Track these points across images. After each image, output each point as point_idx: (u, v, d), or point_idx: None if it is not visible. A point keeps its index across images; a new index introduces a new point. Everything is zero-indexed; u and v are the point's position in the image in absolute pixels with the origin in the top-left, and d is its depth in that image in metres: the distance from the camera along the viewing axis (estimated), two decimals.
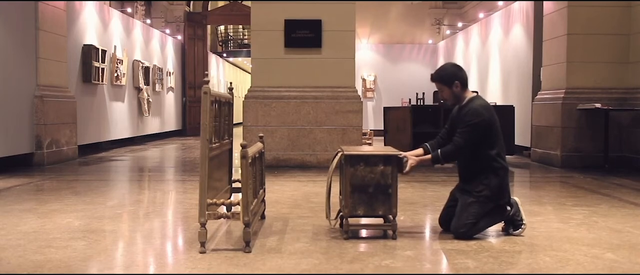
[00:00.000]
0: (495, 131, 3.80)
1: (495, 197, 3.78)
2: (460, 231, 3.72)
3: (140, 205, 5.23)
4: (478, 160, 3.79)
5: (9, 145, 7.60)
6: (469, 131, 3.74)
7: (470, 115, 3.75)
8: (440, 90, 3.93)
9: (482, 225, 3.77)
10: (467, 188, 3.84)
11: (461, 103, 3.89)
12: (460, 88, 3.85)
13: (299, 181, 6.71)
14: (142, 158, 10.14)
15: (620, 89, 8.31)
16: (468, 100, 3.86)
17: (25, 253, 3.37)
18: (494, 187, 3.75)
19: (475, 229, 3.74)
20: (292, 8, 8.37)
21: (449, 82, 3.84)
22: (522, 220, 3.83)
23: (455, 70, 3.90)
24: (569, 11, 8.32)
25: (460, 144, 3.76)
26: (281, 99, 8.32)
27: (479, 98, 3.91)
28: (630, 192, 5.91)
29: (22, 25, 7.91)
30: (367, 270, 3.07)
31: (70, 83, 9.45)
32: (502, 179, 3.78)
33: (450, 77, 3.84)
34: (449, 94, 3.88)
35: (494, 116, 3.82)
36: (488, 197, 3.75)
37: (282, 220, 4.35)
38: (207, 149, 3.40)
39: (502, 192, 3.79)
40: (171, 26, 16.77)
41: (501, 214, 3.83)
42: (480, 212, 3.73)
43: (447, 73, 3.88)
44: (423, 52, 18.04)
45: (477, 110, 3.76)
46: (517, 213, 3.84)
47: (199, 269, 3.07)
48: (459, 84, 3.84)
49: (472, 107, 3.79)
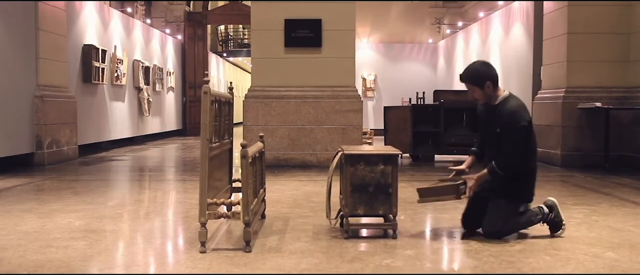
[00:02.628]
0: (533, 131, 3.74)
1: (525, 196, 3.77)
2: (492, 231, 3.70)
3: (140, 205, 5.23)
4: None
5: (9, 145, 7.60)
6: (517, 136, 3.60)
7: (515, 119, 3.60)
8: (470, 91, 3.76)
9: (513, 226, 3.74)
10: (496, 187, 3.71)
11: (494, 102, 3.73)
12: (492, 88, 3.69)
13: (299, 181, 6.71)
14: (143, 158, 10.15)
15: (620, 88, 8.30)
16: (502, 100, 3.70)
17: (26, 253, 3.37)
18: (523, 186, 3.74)
19: (506, 228, 3.71)
20: (292, 8, 8.37)
21: (481, 82, 3.68)
22: (562, 220, 3.81)
23: (486, 69, 3.73)
24: (569, 10, 8.31)
25: (511, 153, 3.62)
26: (281, 98, 8.32)
27: (513, 98, 3.73)
28: (630, 191, 5.91)
29: (22, 25, 7.91)
30: (368, 270, 3.07)
31: (70, 83, 9.45)
32: (532, 177, 3.76)
33: (482, 77, 3.68)
34: (481, 95, 3.72)
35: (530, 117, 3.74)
36: (518, 197, 3.74)
37: (282, 220, 4.35)
38: (207, 148, 3.40)
39: (530, 191, 3.78)
40: (171, 26, 16.77)
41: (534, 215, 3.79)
42: (510, 211, 3.71)
43: (478, 73, 3.71)
44: (423, 52, 18.04)
45: (519, 114, 3.62)
46: (557, 214, 3.82)
47: (199, 268, 3.08)
48: (490, 84, 3.68)
49: (512, 109, 3.64)
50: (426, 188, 3.86)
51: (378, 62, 17.80)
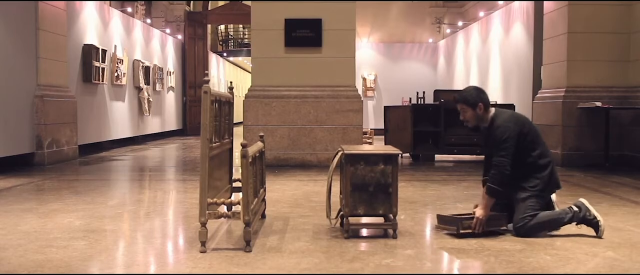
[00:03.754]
0: (531, 135, 3.92)
1: (548, 187, 3.91)
2: (519, 225, 3.78)
3: (140, 204, 5.23)
4: (525, 166, 3.89)
5: (10, 145, 7.60)
6: (504, 147, 3.85)
7: (500, 132, 3.88)
8: (463, 112, 4.04)
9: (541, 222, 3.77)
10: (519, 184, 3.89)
11: (486, 124, 4.02)
12: (483, 110, 3.98)
13: (299, 180, 6.71)
14: (143, 158, 10.15)
15: (620, 88, 8.30)
16: (492, 119, 3.99)
17: (26, 253, 3.37)
18: (546, 178, 3.88)
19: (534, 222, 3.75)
20: (292, 7, 8.37)
21: (473, 104, 3.98)
22: (596, 218, 3.82)
23: (479, 93, 4.05)
24: (569, 10, 8.31)
25: (501, 163, 3.83)
26: (281, 98, 8.32)
27: (501, 113, 4.00)
28: (630, 191, 5.90)
29: (22, 25, 7.91)
30: (368, 270, 3.07)
31: (70, 83, 9.46)
32: (552, 169, 3.91)
33: (475, 99, 3.98)
34: (472, 116, 4.01)
35: (523, 122, 3.96)
36: (542, 190, 3.87)
37: (282, 220, 4.35)
38: (207, 148, 3.40)
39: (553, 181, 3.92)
40: (171, 26, 16.77)
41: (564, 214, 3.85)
42: (536, 205, 3.81)
43: (471, 95, 4.02)
44: (423, 51, 18.04)
45: (503, 126, 3.89)
46: (587, 213, 3.84)
47: (199, 268, 3.08)
48: (482, 105, 3.97)
49: (498, 124, 3.92)
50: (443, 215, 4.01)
51: (378, 62, 17.80)
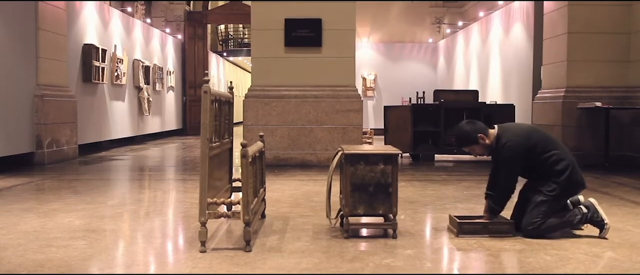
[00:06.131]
0: (540, 145, 3.78)
1: (567, 192, 3.81)
2: (528, 229, 3.74)
3: (140, 204, 5.23)
4: (541, 171, 3.81)
5: (9, 145, 7.60)
6: (507, 165, 3.79)
7: (504, 151, 3.77)
8: (472, 151, 3.93)
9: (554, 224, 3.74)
10: (536, 187, 3.83)
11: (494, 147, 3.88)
12: (486, 137, 3.85)
13: (299, 180, 6.71)
14: (143, 157, 10.15)
15: (620, 88, 8.30)
16: (497, 139, 3.85)
17: (26, 252, 3.37)
18: (563, 182, 3.76)
19: (544, 227, 3.71)
20: (292, 7, 8.37)
21: (474, 140, 3.85)
22: (603, 220, 3.79)
23: (472, 126, 3.89)
24: (569, 10, 8.31)
25: (504, 181, 3.79)
26: (281, 98, 8.32)
27: (505, 130, 3.87)
28: (630, 191, 5.91)
29: (22, 25, 7.91)
30: (368, 269, 3.07)
31: (70, 82, 9.45)
32: (570, 173, 3.77)
33: (473, 135, 3.85)
34: (481, 148, 3.89)
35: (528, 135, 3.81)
36: (559, 195, 3.77)
37: (282, 220, 4.35)
38: (207, 148, 3.40)
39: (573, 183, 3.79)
40: (171, 25, 16.76)
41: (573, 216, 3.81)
42: (548, 211, 3.74)
43: (468, 133, 3.87)
44: (423, 51, 18.05)
45: (507, 145, 3.77)
46: (595, 214, 3.81)
47: (199, 268, 3.08)
48: (482, 135, 3.84)
49: (503, 143, 3.79)
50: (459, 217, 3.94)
51: (378, 62, 17.81)
